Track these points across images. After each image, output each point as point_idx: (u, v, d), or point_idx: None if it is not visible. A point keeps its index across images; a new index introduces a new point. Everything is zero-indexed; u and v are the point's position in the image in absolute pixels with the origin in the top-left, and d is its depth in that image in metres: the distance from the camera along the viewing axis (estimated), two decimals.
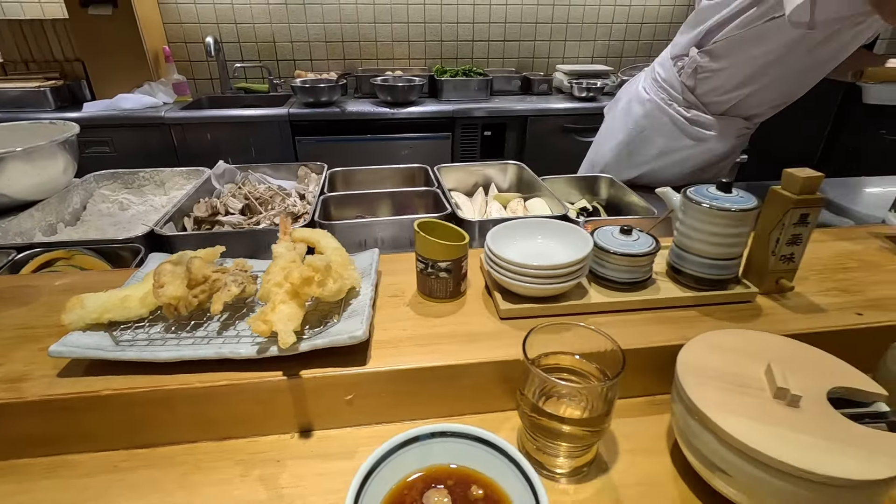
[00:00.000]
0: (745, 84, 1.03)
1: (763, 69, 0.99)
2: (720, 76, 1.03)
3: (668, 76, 1.12)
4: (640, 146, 1.20)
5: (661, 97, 1.14)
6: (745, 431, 0.34)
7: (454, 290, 0.54)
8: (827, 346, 0.50)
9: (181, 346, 0.44)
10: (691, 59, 1.05)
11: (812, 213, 0.51)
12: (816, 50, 0.95)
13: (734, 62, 1.00)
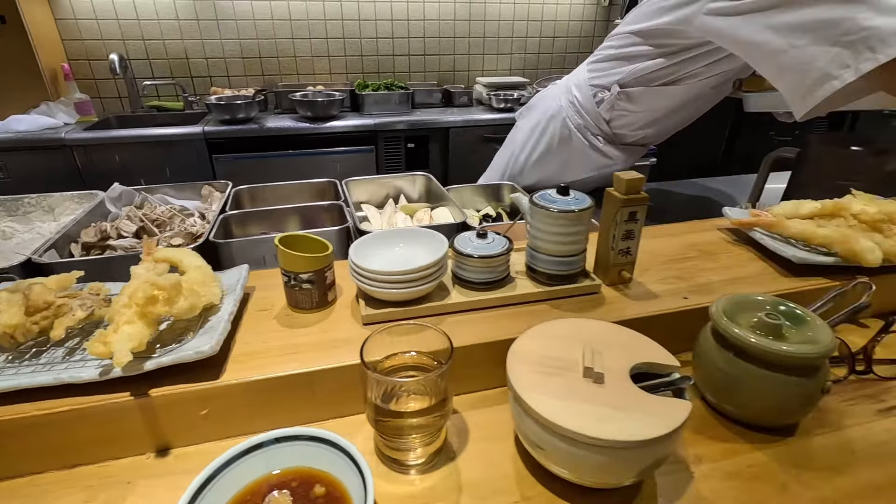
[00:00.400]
0: (654, 123, 1.11)
1: (673, 110, 1.07)
2: (634, 116, 1.10)
3: (587, 104, 1.14)
4: (550, 159, 1.24)
5: (578, 123, 1.17)
6: (549, 408, 0.38)
7: (320, 301, 0.56)
8: (657, 328, 0.56)
9: (19, 375, 0.43)
10: (612, 96, 1.08)
11: (639, 210, 0.58)
12: (723, 86, 1.04)
13: (649, 107, 1.06)
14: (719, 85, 1.01)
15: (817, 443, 0.48)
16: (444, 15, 2.73)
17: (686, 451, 0.47)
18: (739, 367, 0.47)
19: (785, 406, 0.47)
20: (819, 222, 0.68)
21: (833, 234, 0.64)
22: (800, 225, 0.67)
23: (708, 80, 0.94)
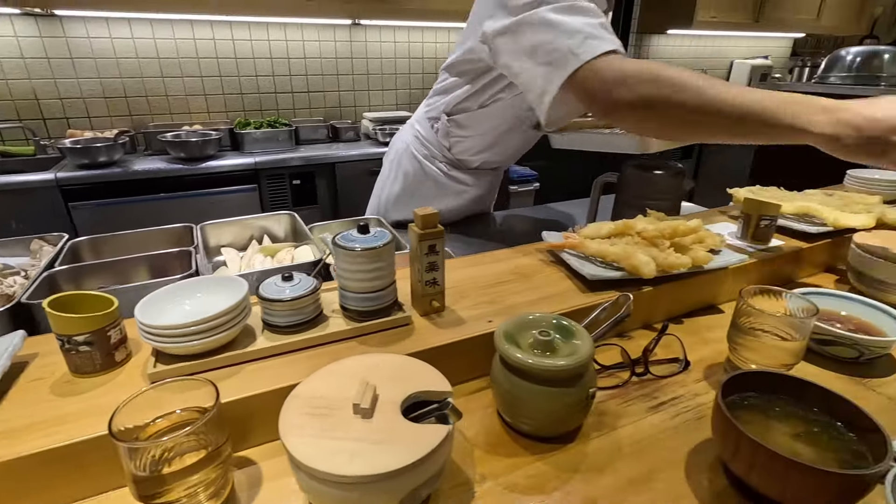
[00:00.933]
0: (490, 147, 1.18)
1: (502, 135, 1.14)
2: (468, 140, 1.16)
3: (427, 134, 1.22)
4: (410, 192, 1.29)
5: (425, 153, 1.23)
6: (304, 450, 0.39)
7: (105, 363, 0.52)
8: (461, 354, 0.59)
9: None
10: (443, 124, 1.16)
11: (437, 243, 0.61)
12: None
13: (478, 131, 1.13)
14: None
15: (592, 445, 0.53)
16: (325, 53, 2.76)
17: (473, 470, 0.50)
18: (517, 385, 0.51)
19: (556, 416, 0.51)
20: (613, 241, 0.77)
21: (619, 251, 0.72)
22: (597, 245, 0.75)
23: (515, 99, 1.02)
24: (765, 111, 0.62)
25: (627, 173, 1.07)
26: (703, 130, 0.70)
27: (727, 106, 0.64)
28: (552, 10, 0.75)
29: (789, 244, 0.90)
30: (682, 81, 0.66)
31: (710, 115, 0.65)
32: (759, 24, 3.64)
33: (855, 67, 2.18)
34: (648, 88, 0.67)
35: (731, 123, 0.65)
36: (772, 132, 0.63)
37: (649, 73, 0.68)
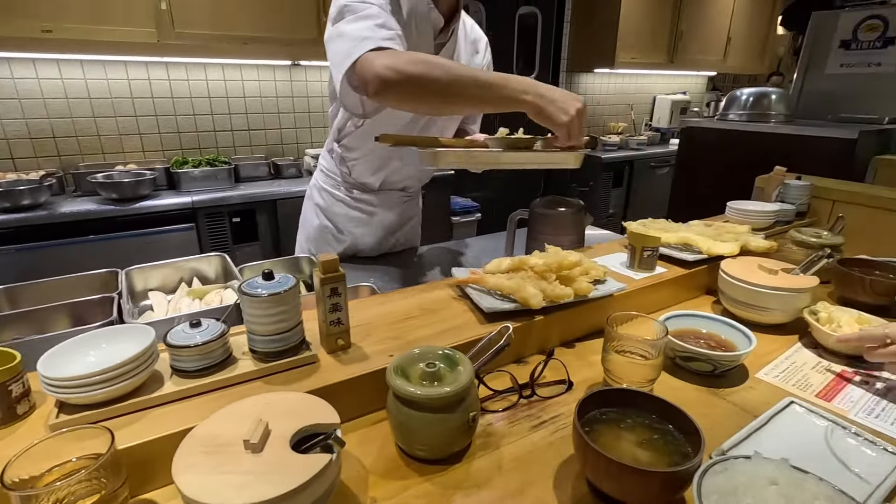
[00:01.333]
0: (383, 165, 1.27)
1: (390, 154, 1.24)
2: (362, 162, 1.26)
3: (330, 166, 1.33)
4: (332, 223, 1.36)
5: (331, 184, 1.34)
6: (193, 486, 0.43)
7: (6, 416, 0.54)
8: (364, 388, 0.64)
9: None
10: (335, 152, 1.28)
11: (339, 286, 0.67)
12: (427, 131, 1.24)
13: (364, 152, 1.23)
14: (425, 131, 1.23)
15: (476, 465, 0.59)
16: (265, 92, 2.81)
17: (366, 495, 0.54)
18: (406, 413, 0.57)
19: (443, 439, 0.57)
20: (510, 275, 0.85)
21: (513, 284, 0.80)
22: (495, 279, 0.83)
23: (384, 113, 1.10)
24: (499, 80, 0.85)
25: (534, 210, 1.18)
26: (455, 99, 0.88)
27: (472, 78, 0.85)
28: (343, 23, 0.92)
29: (672, 271, 1.02)
30: (435, 61, 0.86)
31: (459, 86, 0.85)
32: (674, 65, 4.00)
33: (749, 106, 2.45)
34: (409, 67, 0.84)
35: (477, 90, 0.85)
36: (502, 101, 0.86)
37: (409, 56, 0.86)
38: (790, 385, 0.75)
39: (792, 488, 0.46)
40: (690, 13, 3.87)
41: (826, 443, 0.61)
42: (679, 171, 2.74)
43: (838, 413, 0.68)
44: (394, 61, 0.84)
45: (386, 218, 1.37)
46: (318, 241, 1.38)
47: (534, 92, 0.84)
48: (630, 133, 4.31)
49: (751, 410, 0.68)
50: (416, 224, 1.53)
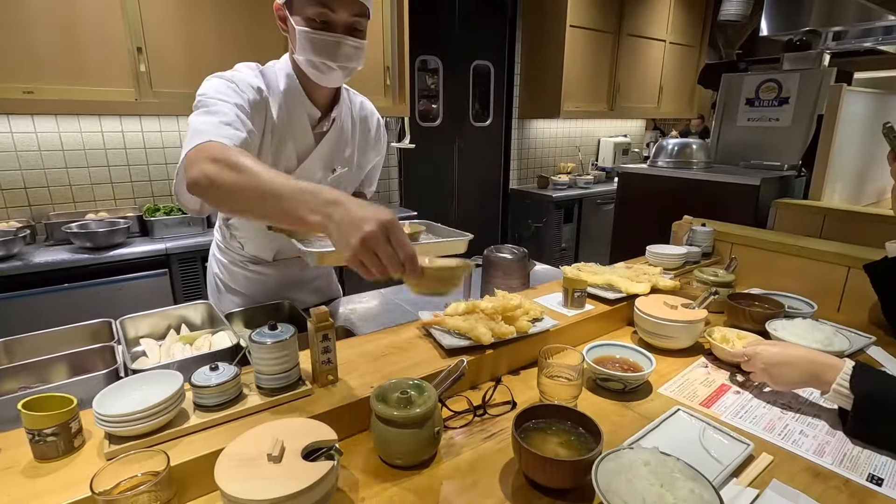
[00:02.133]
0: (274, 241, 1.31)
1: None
2: (251, 240, 1.33)
3: (222, 239, 1.40)
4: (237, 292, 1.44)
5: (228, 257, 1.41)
6: (232, 487, 0.59)
7: (66, 448, 0.68)
8: (351, 413, 0.81)
9: None
10: (224, 231, 1.36)
11: (329, 332, 0.85)
12: None
13: (249, 231, 1.31)
14: None
15: (441, 468, 0.77)
16: None
17: (357, 494, 0.71)
18: (385, 430, 0.74)
19: (414, 449, 0.75)
20: (466, 317, 1.05)
21: (468, 325, 0.99)
22: (453, 321, 1.02)
23: None
24: (293, 193, 0.72)
25: (487, 257, 1.39)
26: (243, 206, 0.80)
27: (257, 187, 0.74)
28: (194, 115, 0.94)
29: (598, 307, 1.24)
30: (235, 159, 0.78)
31: (241, 196, 0.76)
32: (614, 112, 4.43)
33: (674, 154, 2.81)
34: (207, 167, 0.78)
35: (258, 202, 0.75)
36: (285, 216, 0.73)
37: (212, 155, 0.80)
38: (682, 396, 0.97)
39: (659, 466, 0.66)
40: (626, 67, 4.34)
41: (699, 438, 0.83)
42: (618, 211, 3.06)
43: (713, 416, 0.90)
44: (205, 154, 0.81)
45: (286, 279, 1.41)
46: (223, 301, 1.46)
47: (323, 212, 0.69)
48: (578, 172, 4.68)
49: (650, 417, 0.89)
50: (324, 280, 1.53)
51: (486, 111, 4.19)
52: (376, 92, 3.02)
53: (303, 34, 1.02)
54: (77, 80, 2.15)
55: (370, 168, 1.42)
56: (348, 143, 1.26)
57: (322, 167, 1.22)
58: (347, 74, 1.10)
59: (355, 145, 1.29)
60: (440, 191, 4.08)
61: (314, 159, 1.19)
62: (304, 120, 1.14)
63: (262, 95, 1.07)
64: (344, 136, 1.24)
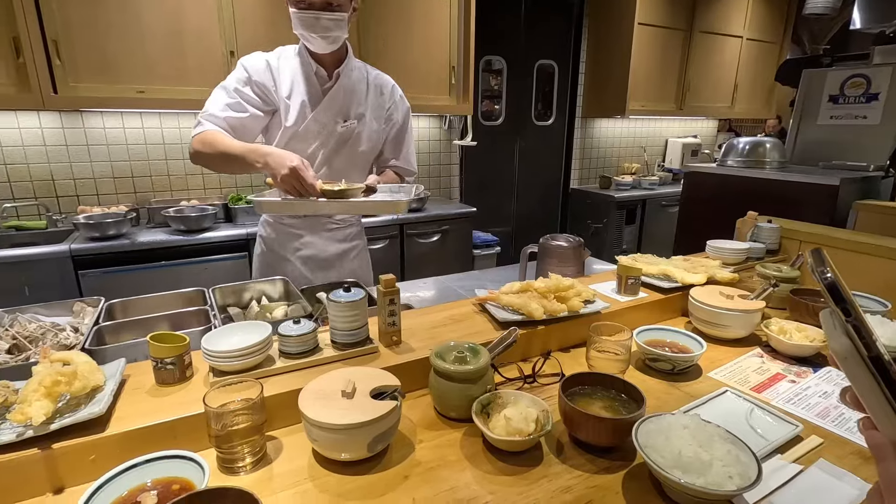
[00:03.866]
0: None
1: None
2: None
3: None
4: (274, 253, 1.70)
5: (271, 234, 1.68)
6: (314, 413, 0.69)
7: (180, 376, 0.82)
8: (411, 371, 0.90)
9: None
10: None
11: (395, 297, 0.94)
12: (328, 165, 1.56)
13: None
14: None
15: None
16: None
17: (415, 437, 0.80)
18: (443, 384, 0.83)
19: (465, 403, 0.82)
20: (519, 294, 1.11)
21: (521, 301, 1.06)
22: (507, 297, 1.09)
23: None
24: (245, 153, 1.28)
25: (542, 244, 1.44)
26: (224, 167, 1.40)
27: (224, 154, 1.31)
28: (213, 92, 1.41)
29: (651, 296, 1.26)
30: (211, 141, 1.33)
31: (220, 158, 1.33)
32: (683, 111, 4.29)
33: (745, 153, 2.70)
34: (195, 145, 1.35)
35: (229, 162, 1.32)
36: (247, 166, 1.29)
37: (199, 139, 1.35)
38: (732, 381, 0.98)
39: (698, 430, 0.70)
40: (698, 64, 4.18)
41: (746, 417, 0.84)
42: (683, 211, 2.98)
43: (763, 400, 0.91)
44: (197, 139, 1.36)
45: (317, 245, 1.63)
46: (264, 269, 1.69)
47: (262, 161, 1.23)
48: (643, 174, 4.57)
49: (697, 397, 0.92)
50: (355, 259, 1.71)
51: (549, 110, 4.20)
52: (441, 90, 3.13)
53: (292, 14, 1.33)
54: (180, 82, 2.42)
55: (394, 136, 1.61)
56: (360, 102, 1.51)
57: (333, 116, 1.47)
58: (332, 41, 1.38)
59: (367, 105, 1.52)
60: (500, 189, 4.14)
61: (323, 108, 1.46)
62: (312, 78, 1.45)
63: (270, 64, 1.43)
64: (352, 93, 1.49)
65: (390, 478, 0.71)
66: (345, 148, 1.52)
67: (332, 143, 1.50)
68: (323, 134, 1.48)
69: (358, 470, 0.72)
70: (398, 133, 1.62)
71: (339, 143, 1.51)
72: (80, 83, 2.24)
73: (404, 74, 2.99)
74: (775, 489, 0.69)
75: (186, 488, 0.64)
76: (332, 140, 1.50)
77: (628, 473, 0.72)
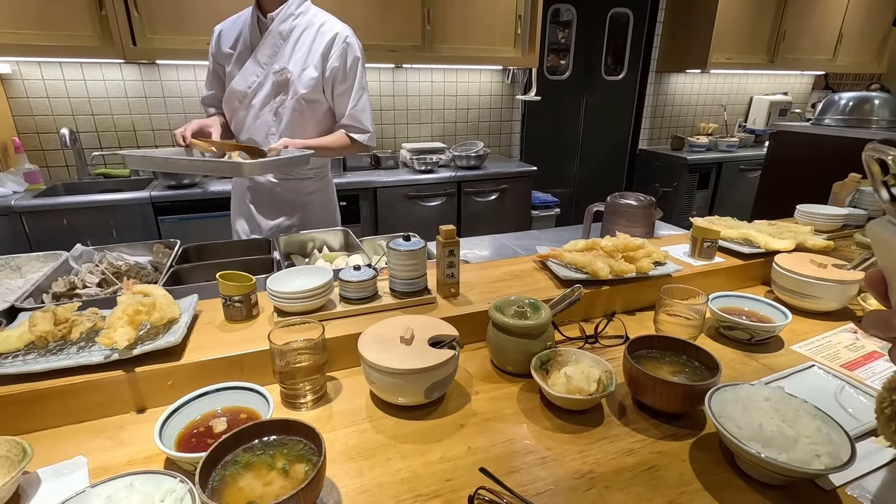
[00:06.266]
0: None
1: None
2: None
3: None
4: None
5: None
6: (373, 356, 0.70)
7: (247, 315, 0.85)
8: (468, 323, 0.89)
9: (49, 361, 0.69)
10: None
11: (455, 248, 0.92)
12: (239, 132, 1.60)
13: None
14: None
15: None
16: (371, 91, 3.15)
17: (471, 388, 0.79)
18: (501, 338, 0.81)
19: (523, 358, 0.80)
20: (584, 253, 1.06)
21: (586, 259, 1.01)
22: (570, 255, 1.04)
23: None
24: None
25: (610, 202, 1.36)
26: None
27: None
28: None
29: (729, 261, 1.16)
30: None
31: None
32: (774, 65, 3.86)
33: (848, 111, 2.40)
34: None
35: None
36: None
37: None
38: (820, 356, 0.89)
39: (781, 404, 0.64)
40: (796, 11, 3.72)
41: (835, 395, 0.77)
42: (766, 176, 2.72)
43: (856, 378, 0.82)
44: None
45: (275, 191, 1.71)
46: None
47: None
48: (721, 134, 4.21)
49: (777, 370, 0.84)
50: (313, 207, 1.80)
51: (620, 64, 3.92)
52: (506, 41, 2.99)
53: None
54: None
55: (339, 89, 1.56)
56: (299, 48, 1.51)
57: (268, 60, 1.51)
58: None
59: (308, 52, 1.51)
60: (563, 147, 3.96)
61: (260, 49, 1.50)
62: (255, 26, 1.51)
63: (220, 31, 1.57)
64: (288, 39, 1.51)
65: (446, 425, 0.71)
66: (287, 98, 1.53)
67: (268, 89, 1.52)
68: (259, 80, 1.53)
69: (414, 415, 0.73)
70: (341, 85, 1.56)
71: (277, 90, 1.53)
72: (156, 35, 2.31)
73: (467, 24, 2.86)
74: (866, 473, 0.62)
75: (253, 417, 0.67)
76: (268, 86, 1.52)
77: (696, 442, 0.68)
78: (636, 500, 0.58)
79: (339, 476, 0.61)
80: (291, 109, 1.54)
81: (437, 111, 3.38)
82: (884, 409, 0.53)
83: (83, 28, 2.21)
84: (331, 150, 1.60)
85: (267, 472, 0.55)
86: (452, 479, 0.61)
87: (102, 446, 0.67)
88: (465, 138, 3.46)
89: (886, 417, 0.52)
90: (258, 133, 1.59)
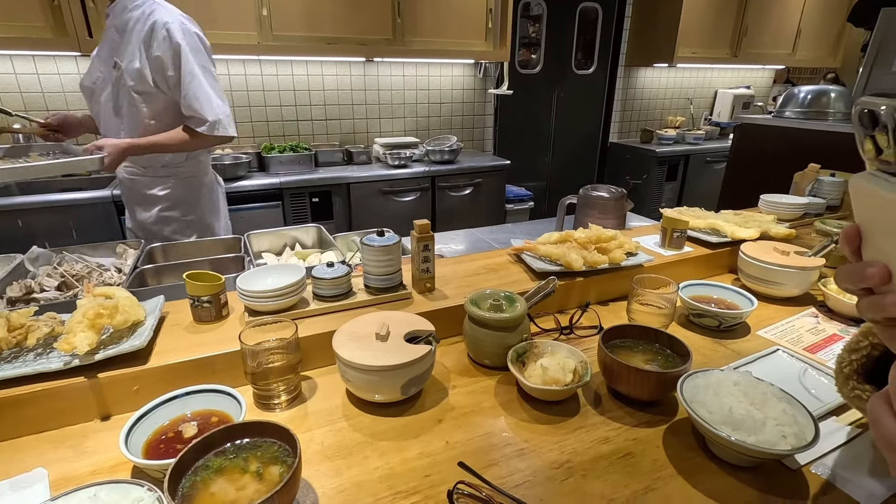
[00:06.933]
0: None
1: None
2: None
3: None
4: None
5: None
6: (349, 354, 0.69)
7: (217, 315, 0.83)
8: (444, 318, 0.89)
9: (3, 370, 0.65)
10: None
11: (429, 243, 0.91)
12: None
13: None
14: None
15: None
16: (342, 85, 3.11)
17: (448, 383, 0.79)
18: (477, 332, 0.81)
19: (499, 351, 0.80)
20: (558, 245, 1.07)
21: (559, 251, 1.02)
22: (545, 248, 1.05)
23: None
24: None
25: (582, 195, 1.38)
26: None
27: None
28: None
29: (698, 251, 1.19)
30: None
31: None
32: (738, 59, 3.97)
33: (806, 104, 2.49)
34: None
35: None
36: None
37: None
38: (784, 340, 0.92)
39: (750, 388, 0.66)
40: (757, 7, 3.83)
41: (798, 377, 0.79)
42: (731, 167, 2.80)
43: (818, 361, 0.85)
44: None
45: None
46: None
47: None
48: (688, 127, 4.31)
49: (744, 355, 0.87)
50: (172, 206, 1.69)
51: (590, 59, 3.96)
52: (477, 35, 2.98)
53: None
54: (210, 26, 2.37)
55: (170, 80, 1.48)
56: (130, 41, 1.47)
57: (107, 55, 1.51)
58: None
59: (139, 44, 1.46)
60: (535, 141, 3.99)
61: (102, 44, 1.52)
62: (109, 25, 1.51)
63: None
64: (123, 33, 1.49)
65: (424, 420, 0.71)
66: (121, 92, 1.49)
67: (108, 85, 1.51)
68: (102, 76, 1.52)
69: (391, 412, 0.72)
70: (172, 75, 1.48)
71: (115, 85, 1.50)
72: None
73: (438, 17, 2.85)
74: (828, 451, 0.65)
75: (224, 421, 0.65)
76: (108, 82, 1.51)
77: (669, 428, 0.69)
78: (613, 487, 0.59)
79: (316, 476, 0.60)
80: (128, 104, 1.50)
81: (410, 105, 3.35)
82: (843, 368, 0.55)
83: (35, 19, 2.10)
84: (166, 146, 1.53)
85: (240, 476, 0.54)
86: (431, 474, 0.61)
87: (64, 457, 0.64)
88: (438, 133, 3.45)
89: (845, 376, 0.54)
90: (110, 129, 1.57)
